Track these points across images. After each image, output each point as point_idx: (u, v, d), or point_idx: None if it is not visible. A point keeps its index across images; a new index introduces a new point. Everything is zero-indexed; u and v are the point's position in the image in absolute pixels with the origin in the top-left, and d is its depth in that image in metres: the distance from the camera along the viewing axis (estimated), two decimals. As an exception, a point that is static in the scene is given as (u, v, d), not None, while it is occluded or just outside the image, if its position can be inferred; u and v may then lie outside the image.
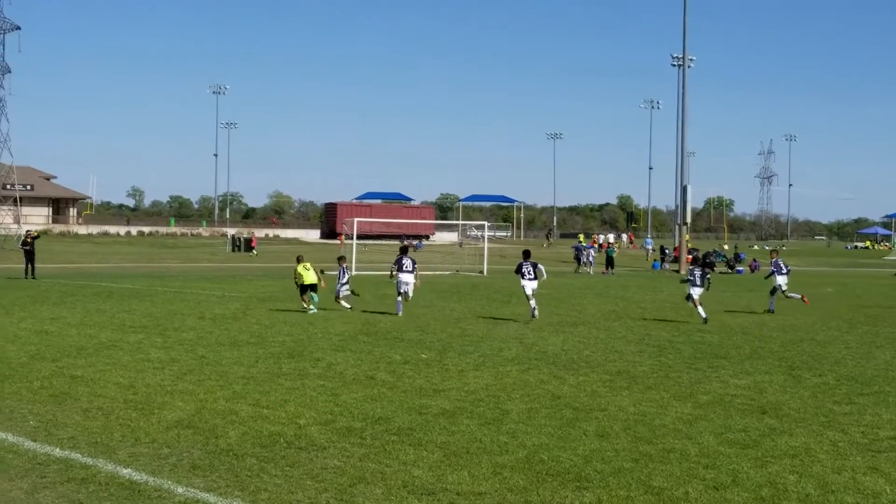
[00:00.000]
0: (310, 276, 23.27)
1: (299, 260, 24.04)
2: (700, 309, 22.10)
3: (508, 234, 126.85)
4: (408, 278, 22.89)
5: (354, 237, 46.29)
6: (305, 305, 23.13)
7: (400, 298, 22.93)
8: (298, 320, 21.10)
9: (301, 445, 9.16)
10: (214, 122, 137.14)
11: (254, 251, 69.41)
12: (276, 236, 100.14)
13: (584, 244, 62.59)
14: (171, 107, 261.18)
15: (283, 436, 9.53)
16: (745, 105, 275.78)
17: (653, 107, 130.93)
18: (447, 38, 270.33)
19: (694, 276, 22.79)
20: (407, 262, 23.06)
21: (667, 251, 62.75)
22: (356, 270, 41.90)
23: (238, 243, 73.93)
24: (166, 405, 10.97)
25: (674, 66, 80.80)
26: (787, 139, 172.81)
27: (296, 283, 23.62)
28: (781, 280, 26.18)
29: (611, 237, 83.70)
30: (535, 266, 22.64)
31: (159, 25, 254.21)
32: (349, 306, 23.77)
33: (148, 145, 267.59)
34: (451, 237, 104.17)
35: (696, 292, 22.41)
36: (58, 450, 8.84)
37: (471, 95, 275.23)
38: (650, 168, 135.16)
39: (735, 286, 38.23)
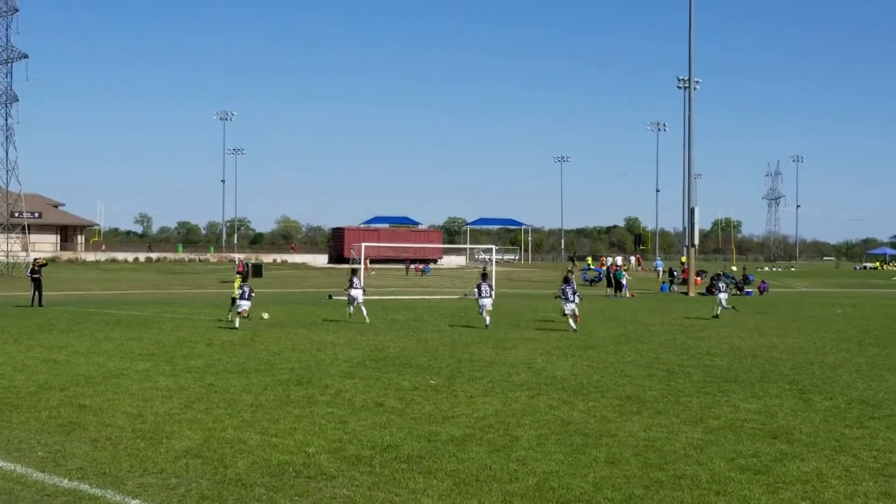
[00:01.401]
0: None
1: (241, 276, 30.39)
2: (572, 322, 25.55)
3: (517, 258, 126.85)
4: (357, 293, 29.22)
5: (363, 262, 46.28)
6: (230, 318, 27.03)
7: (352, 309, 28.95)
8: (307, 346, 21.08)
9: (310, 474, 9.13)
10: (222, 148, 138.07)
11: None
12: (285, 261, 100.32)
13: (593, 266, 62.42)
14: (178, 133, 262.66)
15: (292, 465, 9.50)
16: (751, 126, 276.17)
17: (659, 129, 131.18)
18: (453, 62, 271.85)
19: (566, 293, 25.91)
20: (356, 281, 29.79)
21: (675, 273, 62.56)
22: (364, 296, 41.81)
23: (246, 268, 73.78)
24: (175, 434, 10.96)
25: (679, 88, 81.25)
26: (793, 160, 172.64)
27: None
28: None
29: (619, 259, 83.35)
30: (490, 287, 27.45)
31: (166, 53, 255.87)
32: (240, 320, 26.12)
33: (156, 172, 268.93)
34: (458, 261, 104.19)
35: (569, 308, 25.81)
36: (66, 481, 8.82)
37: (478, 119, 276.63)
38: (657, 190, 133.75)
39: (744, 308, 38.06)
